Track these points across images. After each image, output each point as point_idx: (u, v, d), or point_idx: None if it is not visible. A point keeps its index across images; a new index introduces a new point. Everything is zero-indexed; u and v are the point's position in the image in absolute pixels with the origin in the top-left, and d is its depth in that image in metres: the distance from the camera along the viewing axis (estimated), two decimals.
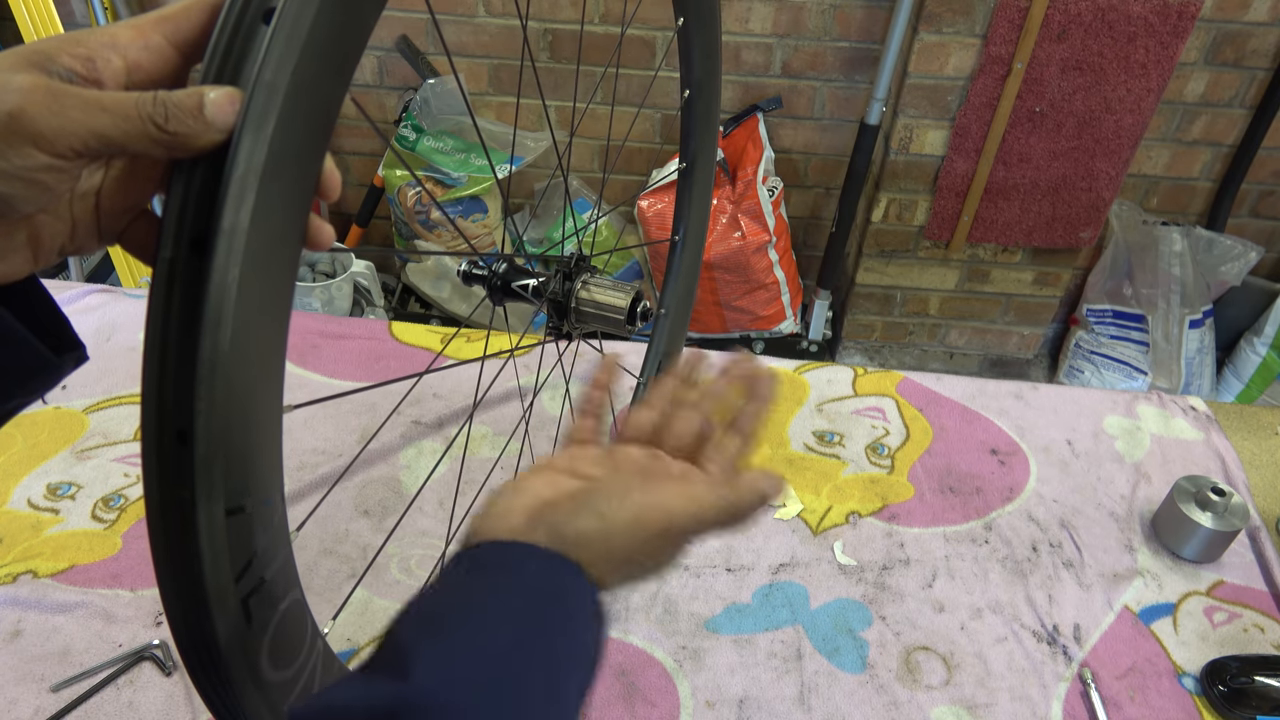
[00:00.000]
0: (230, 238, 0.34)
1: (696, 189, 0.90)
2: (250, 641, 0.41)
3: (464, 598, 0.39)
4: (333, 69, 0.37)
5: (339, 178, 0.41)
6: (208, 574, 0.37)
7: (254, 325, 0.36)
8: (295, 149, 0.36)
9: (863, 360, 2.47)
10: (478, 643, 0.37)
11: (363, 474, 0.99)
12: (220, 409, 0.35)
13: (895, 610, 0.88)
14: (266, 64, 0.34)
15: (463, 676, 0.36)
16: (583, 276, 0.69)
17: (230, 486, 0.37)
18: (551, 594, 0.40)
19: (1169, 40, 1.86)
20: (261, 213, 0.35)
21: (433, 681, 0.35)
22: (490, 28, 2.13)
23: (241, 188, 0.34)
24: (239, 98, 0.34)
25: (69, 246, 0.39)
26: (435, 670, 0.35)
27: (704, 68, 0.81)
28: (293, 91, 0.35)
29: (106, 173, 0.38)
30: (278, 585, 0.42)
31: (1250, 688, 0.81)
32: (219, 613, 0.38)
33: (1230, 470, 1.06)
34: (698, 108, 0.83)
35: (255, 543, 0.40)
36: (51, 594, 0.84)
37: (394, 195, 2.24)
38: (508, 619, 0.38)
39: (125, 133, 0.34)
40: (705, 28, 0.79)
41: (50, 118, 0.32)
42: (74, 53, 0.35)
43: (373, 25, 0.39)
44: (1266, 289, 2.33)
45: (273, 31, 0.34)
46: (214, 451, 0.36)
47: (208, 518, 0.36)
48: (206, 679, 0.41)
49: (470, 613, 0.38)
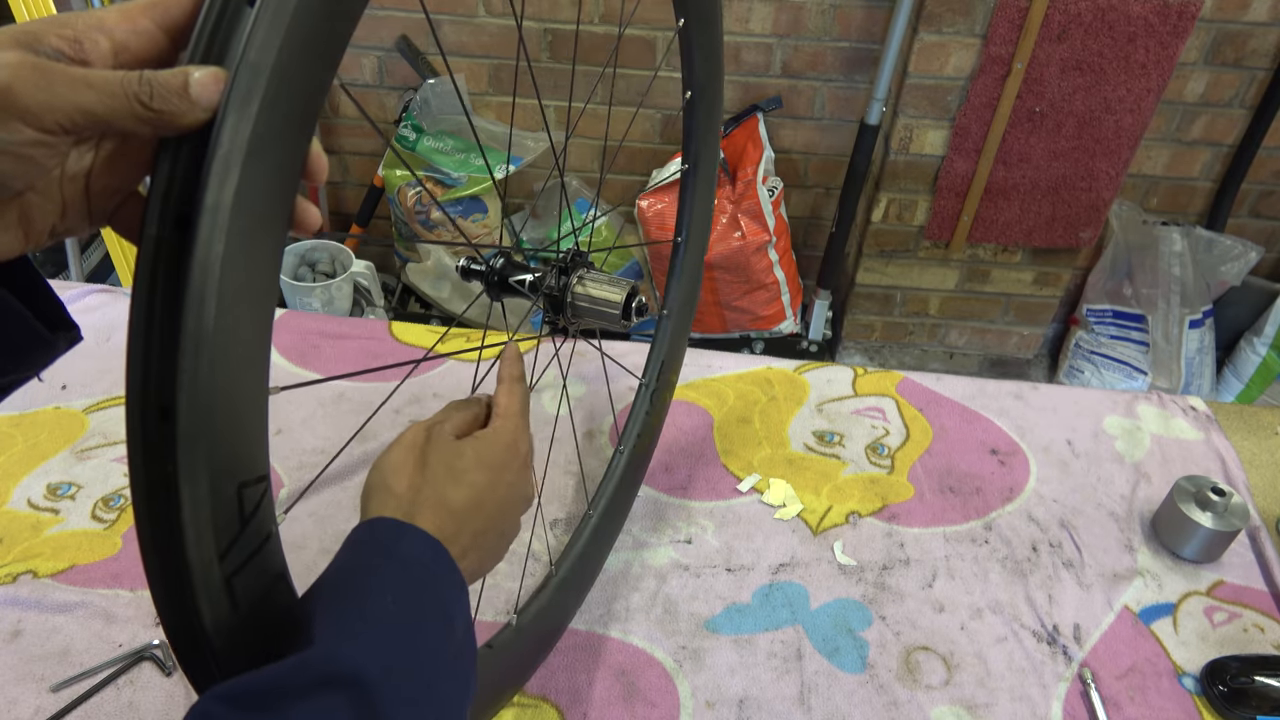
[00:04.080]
0: (214, 214, 0.34)
1: (699, 190, 0.90)
2: (237, 625, 0.41)
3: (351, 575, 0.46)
4: (318, 51, 0.38)
5: (325, 160, 0.42)
6: (190, 550, 0.38)
7: (238, 303, 0.36)
8: (280, 129, 0.36)
9: (863, 360, 2.47)
10: (366, 610, 0.43)
11: (362, 473, 0.99)
12: (203, 386, 0.36)
13: (895, 610, 0.88)
14: (251, 45, 0.35)
15: (360, 643, 0.41)
16: (579, 272, 0.69)
17: (214, 464, 0.37)
18: (411, 561, 0.47)
19: (1169, 40, 1.86)
20: (246, 191, 0.35)
21: (335, 645, 0.40)
22: (490, 28, 2.13)
23: (225, 165, 0.34)
24: (224, 77, 0.35)
25: (60, 227, 0.39)
26: (332, 637, 0.40)
27: (705, 69, 0.81)
28: (277, 72, 0.35)
29: (97, 154, 0.39)
30: (263, 566, 0.42)
31: (1250, 688, 0.81)
32: (203, 590, 0.39)
33: (1230, 470, 1.06)
34: (700, 109, 0.83)
35: (239, 522, 0.40)
36: (51, 594, 0.84)
37: (394, 195, 2.24)
38: (386, 589, 0.44)
39: (111, 109, 0.34)
40: (706, 29, 0.78)
41: (37, 93, 0.33)
42: (61, 34, 0.35)
43: (361, 8, 0.40)
44: (1266, 289, 2.34)
45: (257, 12, 0.35)
46: (197, 428, 0.36)
47: (190, 494, 0.37)
48: (192, 658, 0.41)
49: (357, 586, 0.44)
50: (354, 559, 0.46)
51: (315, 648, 0.40)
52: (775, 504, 0.98)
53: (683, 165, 0.88)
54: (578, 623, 0.85)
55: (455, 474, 0.52)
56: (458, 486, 0.52)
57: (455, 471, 0.52)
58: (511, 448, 0.56)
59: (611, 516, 0.89)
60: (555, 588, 0.80)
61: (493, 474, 0.54)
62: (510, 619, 0.75)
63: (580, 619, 0.86)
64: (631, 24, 2.10)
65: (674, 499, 0.99)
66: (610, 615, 0.86)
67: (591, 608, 0.87)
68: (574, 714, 0.78)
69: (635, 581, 0.90)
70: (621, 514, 0.92)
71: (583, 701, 0.79)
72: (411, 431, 0.54)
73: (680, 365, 1.00)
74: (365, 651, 0.40)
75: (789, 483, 1.01)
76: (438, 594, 0.46)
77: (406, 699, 0.40)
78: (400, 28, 2.13)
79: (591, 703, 0.79)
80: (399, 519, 0.49)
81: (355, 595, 0.44)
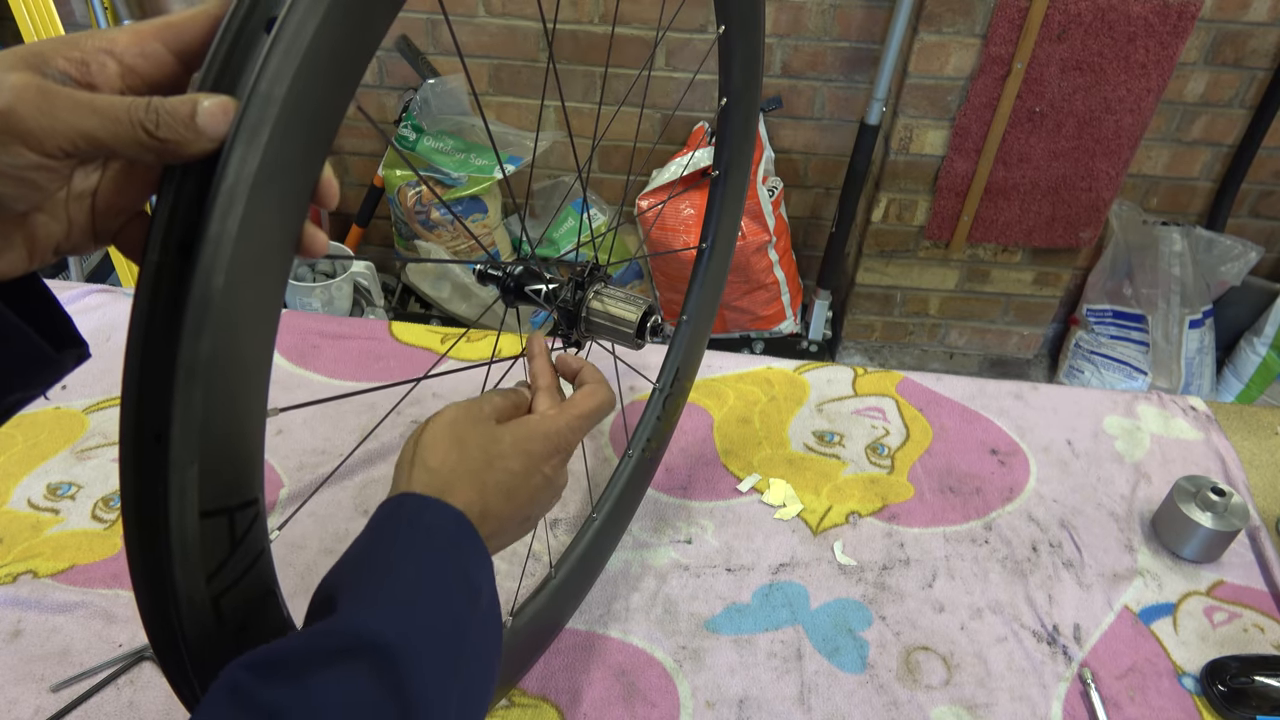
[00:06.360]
0: (216, 245, 0.34)
1: (729, 198, 0.88)
2: (223, 639, 0.41)
3: (373, 549, 0.46)
4: (335, 81, 0.36)
5: (336, 186, 0.41)
6: (178, 573, 0.37)
7: (237, 333, 0.36)
8: (291, 160, 0.35)
9: (863, 360, 2.47)
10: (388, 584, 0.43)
11: (363, 474, 0.99)
12: (197, 414, 0.35)
13: (895, 610, 0.88)
14: (264, 74, 0.33)
15: (384, 611, 0.41)
16: (595, 286, 0.68)
17: (205, 489, 0.37)
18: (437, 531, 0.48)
19: (1169, 40, 1.86)
20: (251, 222, 0.34)
21: (356, 614, 0.40)
22: (490, 27, 2.13)
23: (230, 198, 0.33)
24: (233, 107, 0.34)
25: (65, 246, 0.39)
26: (355, 607, 0.41)
27: (744, 76, 0.79)
28: (290, 103, 0.34)
29: (103, 174, 0.38)
30: (252, 585, 0.42)
31: (1250, 688, 0.81)
32: (189, 611, 0.38)
33: (1230, 470, 1.06)
34: (735, 116, 0.81)
35: (229, 544, 0.40)
36: (51, 594, 0.84)
37: (394, 195, 2.24)
38: (410, 559, 0.44)
39: (115, 135, 0.34)
40: (748, 35, 0.77)
41: (40, 117, 0.32)
42: (68, 55, 0.35)
43: (380, 36, 0.38)
44: (1266, 289, 2.34)
45: (272, 41, 0.33)
46: (189, 454, 0.36)
47: (179, 518, 0.36)
48: (178, 675, 0.41)
49: (381, 557, 0.45)
50: (379, 532, 0.46)
51: (338, 616, 0.40)
52: (775, 504, 0.98)
53: (712, 172, 0.87)
54: (577, 622, 0.85)
55: (490, 458, 0.52)
56: (491, 471, 0.52)
57: (491, 456, 0.52)
58: (551, 438, 0.55)
59: (615, 520, 0.89)
60: (553, 590, 0.80)
61: (529, 462, 0.54)
62: (506, 619, 0.75)
63: (580, 619, 0.86)
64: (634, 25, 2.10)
65: (674, 499, 0.99)
66: (610, 615, 0.86)
67: (591, 608, 0.87)
68: (574, 714, 0.78)
69: (635, 581, 0.90)
70: (625, 518, 0.92)
71: (583, 701, 0.79)
72: (451, 410, 0.54)
73: (696, 371, 0.99)
74: (388, 620, 0.40)
75: (789, 483, 1.01)
76: (462, 564, 0.46)
77: (430, 667, 0.40)
78: (400, 28, 2.14)
79: (591, 703, 0.79)
80: (426, 495, 0.49)
81: (379, 566, 0.44)
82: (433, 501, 0.48)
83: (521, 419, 0.56)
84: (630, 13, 2.09)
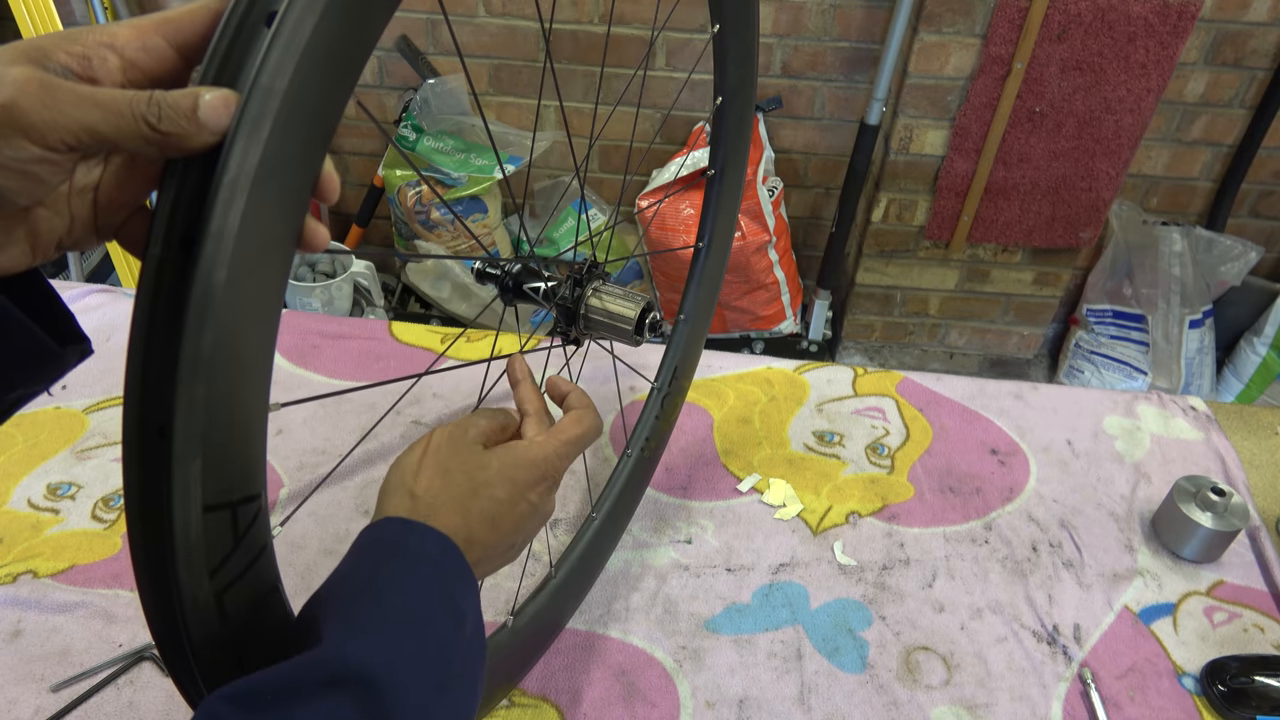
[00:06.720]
0: (218, 240, 0.34)
1: (725, 196, 0.88)
2: (226, 636, 0.41)
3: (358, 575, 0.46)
4: (335, 75, 0.37)
5: (337, 181, 0.41)
6: (181, 569, 0.37)
7: (240, 326, 0.36)
8: (292, 154, 0.36)
9: (863, 360, 2.47)
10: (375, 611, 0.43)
11: (363, 474, 0.99)
12: (200, 408, 0.35)
13: (895, 610, 0.88)
14: (264, 68, 0.34)
15: (368, 640, 0.41)
16: (594, 283, 0.68)
17: (208, 483, 0.37)
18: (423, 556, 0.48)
19: (1169, 40, 1.86)
20: (252, 216, 0.34)
21: (341, 644, 0.40)
22: (490, 28, 2.13)
23: (232, 191, 0.34)
24: (234, 101, 0.34)
25: (67, 241, 0.39)
26: (340, 636, 0.40)
27: (738, 75, 0.79)
28: (291, 96, 0.34)
29: (105, 168, 0.39)
30: (255, 581, 0.42)
31: (1250, 688, 0.81)
32: (192, 607, 0.39)
33: (1230, 470, 1.06)
34: (730, 115, 0.81)
35: (233, 539, 0.40)
36: (51, 594, 0.84)
37: (394, 195, 2.24)
38: (394, 586, 0.44)
39: (117, 129, 0.34)
40: (742, 34, 0.77)
41: (42, 110, 0.32)
42: (70, 50, 0.35)
43: (379, 31, 0.39)
44: (1266, 289, 2.34)
45: (273, 35, 0.34)
46: (192, 448, 0.36)
47: (183, 512, 0.37)
48: (182, 672, 0.41)
49: (365, 585, 0.44)
50: (362, 559, 0.46)
51: (322, 647, 0.39)
52: (775, 504, 0.98)
53: (708, 171, 0.87)
54: (577, 622, 0.85)
55: (476, 486, 0.51)
56: (477, 499, 0.51)
57: (476, 484, 0.52)
58: (538, 465, 0.55)
59: (614, 520, 0.89)
60: (553, 590, 0.80)
61: (515, 490, 0.53)
62: (506, 619, 0.75)
63: (580, 619, 0.86)
64: (632, 25, 2.10)
65: (674, 499, 0.99)
66: (610, 615, 0.86)
67: (591, 608, 0.87)
68: (574, 714, 0.78)
69: (635, 581, 0.90)
70: (625, 517, 0.92)
71: (583, 701, 0.79)
72: (436, 434, 0.54)
73: (694, 370, 0.99)
74: (372, 649, 0.40)
75: (789, 483, 1.01)
76: (447, 590, 0.46)
77: (415, 696, 0.40)
78: (400, 28, 2.13)
79: (591, 703, 0.79)
80: (410, 519, 0.48)
81: (363, 594, 0.43)
82: (418, 525, 0.48)
83: (508, 445, 0.55)
84: (630, 13, 2.09)
